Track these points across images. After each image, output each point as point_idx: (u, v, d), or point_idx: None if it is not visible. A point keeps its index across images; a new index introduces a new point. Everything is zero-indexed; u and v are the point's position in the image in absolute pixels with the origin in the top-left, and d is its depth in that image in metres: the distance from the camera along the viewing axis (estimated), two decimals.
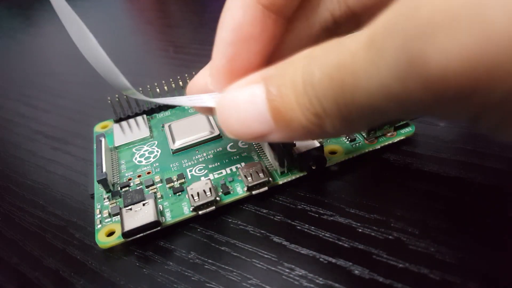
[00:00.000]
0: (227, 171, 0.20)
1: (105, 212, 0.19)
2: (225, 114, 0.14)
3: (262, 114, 0.13)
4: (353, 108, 0.11)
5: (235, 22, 0.15)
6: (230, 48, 0.15)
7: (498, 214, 0.16)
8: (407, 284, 0.14)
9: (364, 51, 0.10)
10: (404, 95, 0.09)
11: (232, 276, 0.16)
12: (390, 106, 0.10)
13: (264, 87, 0.13)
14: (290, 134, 0.13)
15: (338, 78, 0.11)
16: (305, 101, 0.12)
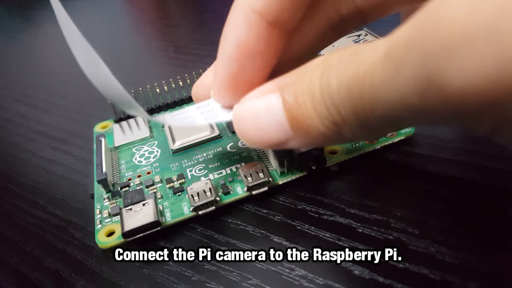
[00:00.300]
0: (227, 171, 0.20)
1: (105, 212, 0.19)
2: (242, 124, 0.14)
3: (280, 123, 0.13)
4: (372, 116, 0.11)
5: (240, 38, 0.15)
6: (234, 64, 0.15)
7: (498, 214, 0.16)
8: (407, 284, 0.14)
9: (382, 64, 0.10)
10: (423, 107, 0.09)
11: (232, 276, 0.16)
12: (409, 116, 0.10)
13: (281, 96, 0.13)
14: (308, 141, 0.13)
15: (356, 89, 0.11)
16: (323, 109, 0.12)
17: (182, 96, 0.26)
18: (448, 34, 0.08)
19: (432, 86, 0.09)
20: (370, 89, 0.10)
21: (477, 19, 0.08)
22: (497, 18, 0.07)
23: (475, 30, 0.08)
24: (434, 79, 0.09)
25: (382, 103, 0.10)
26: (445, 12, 0.08)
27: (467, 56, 0.08)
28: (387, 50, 0.10)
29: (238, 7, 0.15)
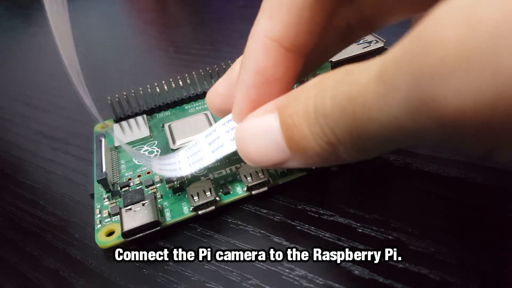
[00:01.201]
0: (227, 171, 0.20)
1: (105, 212, 0.19)
2: (243, 143, 0.15)
3: (278, 143, 0.13)
4: (366, 137, 0.11)
5: (258, 66, 0.15)
6: (253, 91, 0.15)
7: (498, 214, 0.16)
8: (407, 284, 0.14)
9: (374, 84, 0.10)
10: (417, 129, 0.09)
11: (232, 276, 0.16)
12: (403, 137, 0.10)
13: (279, 117, 0.13)
14: (306, 161, 0.13)
15: (350, 109, 0.11)
16: (318, 130, 0.12)
17: (182, 96, 0.26)
18: (442, 56, 0.08)
19: (425, 108, 0.09)
20: (362, 109, 0.10)
21: (472, 41, 0.08)
22: (494, 40, 0.07)
23: (471, 52, 0.08)
24: (427, 101, 0.09)
25: (375, 123, 0.10)
26: (438, 33, 0.08)
27: (463, 79, 0.08)
28: (379, 70, 0.10)
29: (255, 36, 0.15)
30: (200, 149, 0.18)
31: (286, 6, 0.15)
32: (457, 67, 0.08)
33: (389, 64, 0.10)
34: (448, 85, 0.08)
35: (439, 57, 0.08)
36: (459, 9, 0.08)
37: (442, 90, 0.08)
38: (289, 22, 0.15)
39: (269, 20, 0.15)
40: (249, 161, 0.15)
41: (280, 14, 0.15)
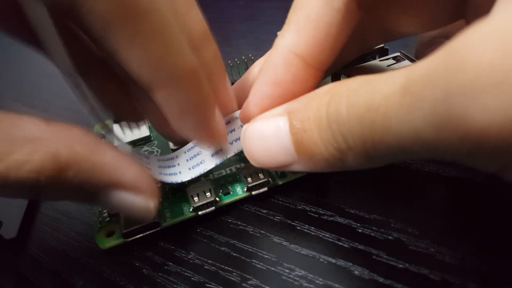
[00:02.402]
0: (227, 172, 0.20)
1: (105, 212, 0.19)
2: (250, 144, 0.15)
3: (286, 146, 0.14)
4: (379, 146, 0.11)
5: (277, 78, 0.15)
6: (267, 101, 0.15)
7: (498, 214, 0.16)
8: (407, 285, 0.14)
9: (398, 96, 0.10)
10: (437, 142, 0.10)
11: (232, 276, 0.16)
12: (419, 149, 0.10)
13: (288, 120, 0.13)
14: (312, 165, 0.14)
15: (368, 118, 0.11)
16: (328, 136, 0.12)
17: None
18: (474, 76, 0.08)
19: (451, 122, 0.09)
20: (383, 119, 0.11)
21: (504, 64, 0.08)
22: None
23: (502, 74, 0.08)
24: (454, 116, 0.09)
25: (393, 134, 0.10)
26: (471, 55, 0.09)
27: (493, 98, 0.08)
28: (405, 83, 0.10)
29: (279, 48, 0.15)
30: (200, 152, 0.18)
31: (315, 22, 0.15)
32: (488, 86, 0.08)
33: (417, 78, 0.10)
34: (478, 103, 0.08)
35: (471, 76, 0.08)
36: (493, 33, 0.08)
37: (471, 106, 0.08)
38: (316, 38, 0.15)
39: (295, 34, 0.15)
40: (254, 162, 0.15)
41: (307, 29, 0.15)
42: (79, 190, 0.14)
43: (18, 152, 0.12)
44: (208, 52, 0.16)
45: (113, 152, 0.14)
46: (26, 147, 0.12)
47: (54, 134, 0.13)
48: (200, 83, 0.14)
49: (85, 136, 0.14)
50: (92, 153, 0.13)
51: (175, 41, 0.13)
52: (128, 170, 0.14)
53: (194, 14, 0.15)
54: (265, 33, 0.37)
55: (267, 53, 0.19)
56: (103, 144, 0.14)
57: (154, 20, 0.12)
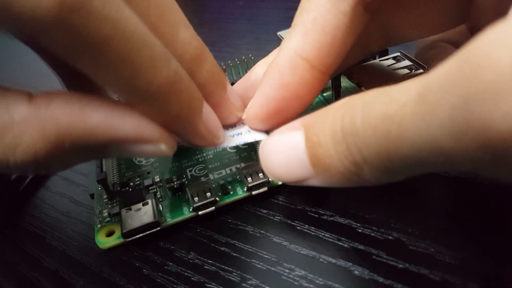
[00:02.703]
0: (227, 172, 0.20)
1: (105, 212, 0.19)
2: (267, 158, 0.15)
3: (301, 160, 0.13)
4: (396, 158, 0.11)
5: (283, 81, 0.15)
6: (273, 103, 0.16)
7: (498, 214, 0.16)
8: (407, 285, 0.14)
9: (414, 104, 0.10)
10: (456, 152, 0.09)
11: (232, 276, 0.16)
12: (437, 160, 0.10)
13: (304, 134, 0.13)
14: (328, 180, 0.13)
15: (383, 129, 0.11)
16: (343, 149, 0.12)
17: None
18: (494, 77, 0.08)
19: (470, 130, 0.08)
20: (398, 129, 0.10)
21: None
22: None
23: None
24: (474, 123, 0.08)
25: (409, 143, 0.10)
26: (489, 57, 0.08)
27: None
28: (421, 90, 0.10)
29: (286, 51, 0.15)
30: None
31: (322, 25, 0.14)
32: (509, 90, 0.08)
33: (433, 84, 0.09)
34: (499, 108, 0.08)
35: (491, 79, 0.08)
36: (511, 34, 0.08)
37: (493, 112, 0.08)
38: (322, 41, 0.15)
39: (301, 37, 0.15)
40: (271, 176, 0.15)
41: (314, 32, 0.15)
42: (81, 155, 0.14)
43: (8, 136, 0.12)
44: (202, 72, 0.15)
45: (102, 112, 0.13)
46: (15, 129, 0.12)
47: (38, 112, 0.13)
48: (178, 93, 0.14)
49: (68, 104, 0.13)
50: (80, 120, 0.13)
51: (144, 59, 0.12)
52: (123, 124, 0.13)
53: (181, 37, 0.14)
54: (265, 33, 0.37)
55: (270, 54, 0.19)
56: (89, 106, 0.13)
57: (118, 45, 0.11)
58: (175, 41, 0.14)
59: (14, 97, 0.13)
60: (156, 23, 0.14)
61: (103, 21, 0.11)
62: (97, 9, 0.11)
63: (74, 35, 0.11)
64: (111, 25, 0.11)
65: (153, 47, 0.13)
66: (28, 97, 0.13)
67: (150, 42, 0.12)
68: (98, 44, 0.11)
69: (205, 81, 0.15)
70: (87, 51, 0.11)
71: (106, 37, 0.11)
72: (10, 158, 0.13)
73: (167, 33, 0.14)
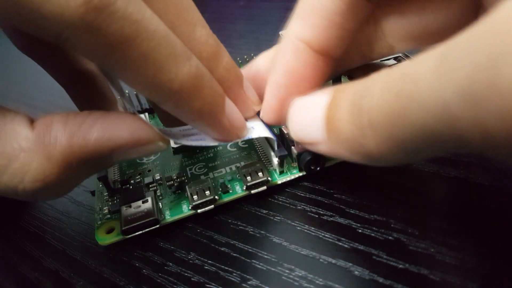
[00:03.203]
0: (227, 170, 0.20)
1: (105, 209, 0.19)
2: (292, 115, 0.15)
3: (318, 121, 0.13)
4: (401, 123, 0.10)
5: (288, 66, 0.16)
6: (282, 90, 0.16)
7: (498, 214, 0.16)
8: (407, 285, 0.14)
9: (433, 62, 0.09)
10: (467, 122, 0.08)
11: (232, 277, 0.16)
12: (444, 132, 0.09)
13: (330, 97, 0.13)
14: (335, 147, 0.13)
15: (396, 87, 0.10)
16: (355, 112, 0.12)
17: None
18: None
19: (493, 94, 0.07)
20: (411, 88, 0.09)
21: None
22: None
23: None
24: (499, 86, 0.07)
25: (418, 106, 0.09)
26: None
27: None
28: (444, 49, 0.09)
29: (287, 38, 0.16)
30: None
31: (318, 11, 0.15)
32: None
33: (455, 44, 0.09)
34: None
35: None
36: None
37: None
38: (320, 25, 0.15)
39: (301, 22, 0.15)
40: (292, 133, 0.15)
41: (312, 17, 0.15)
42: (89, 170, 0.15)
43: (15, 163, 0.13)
44: (218, 69, 0.15)
45: (99, 126, 0.14)
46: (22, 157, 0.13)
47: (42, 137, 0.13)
48: (201, 88, 0.14)
49: (67, 124, 0.13)
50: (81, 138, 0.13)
51: (166, 57, 0.12)
52: (120, 133, 0.14)
53: (198, 35, 0.15)
54: (265, 33, 0.37)
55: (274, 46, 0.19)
56: (85, 124, 0.13)
57: (141, 44, 0.12)
58: (192, 40, 0.15)
59: (18, 121, 0.13)
60: (174, 22, 0.14)
61: (126, 21, 0.11)
62: (121, 10, 0.11)
63: (99, 35, 0.11)
64: (134, 24, 0.11)
65: (175, 44, 0.13)
66: (29, 122, 0.13)
67: (171, 40, 0.13)
68: (121, 44, 0.11)
69: (222, 78, 0.15)
70: (111, 51, 0.11)
71: (129, 36, 0.11)
72: (18, 186, 0.13)
73: (184, 32, 0.14)
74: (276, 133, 0.19)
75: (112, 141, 0.14)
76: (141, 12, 0.12)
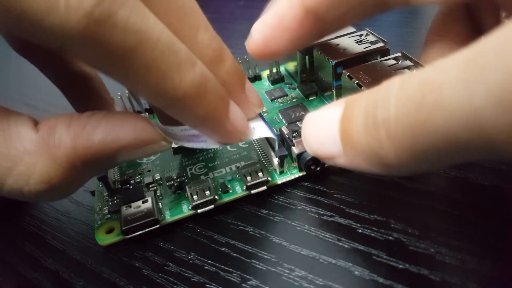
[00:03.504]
0: (227, 170, 0.20)
1: (105, 209, 0.19)
2: (306, 129, 0.15)
3: (334, 135, 0.13)
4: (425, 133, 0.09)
5: (279, 13, 0.17)
6: (268, 29, 0.18)
7: (498, 214, 0.16)
8: (407, 285, 0.14)
9: (459, 68, 0.09)
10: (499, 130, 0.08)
11: (232, 277, 0.16)
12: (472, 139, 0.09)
13: (343, 110, 0.13)
14: (354, 160, 0.13)
15: (418, 95, 0.09)
16: (371, 123, 0.11)
17: None
18: None
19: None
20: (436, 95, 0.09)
21: None
22: None
23: None
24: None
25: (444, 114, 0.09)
26: None
27: None
28: (470, 54, 0.08)
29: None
30: None
31: None
32: None
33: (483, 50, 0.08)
34: None
35: None
36: None
37: None
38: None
39: None
40: (308, 148, 0.15)
41: None
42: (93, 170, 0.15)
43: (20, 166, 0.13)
44: (220, 73, 0.15)
45: (102, 127, 0.14)
46: (27, 159, 0.13)
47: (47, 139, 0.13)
48: (205, 95, 0.14)
49: (71, 126, 0.13)
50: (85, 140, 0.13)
51: (169, 65, 0.12)
52: (124, 133, 0.14)
53: (200, 39, 0.15)
54: None
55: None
56: (89, 125, 0.14)
57: (143, 54, 0.12)
58: (194, 44, 0.14)
59: (22, 123, 0.13)
60: (176, 25, 0.14)
61: (128, 32, 0.11)
62: (122, 21, 0.11)
63: (101, 46, 0.11)
64: (137, 34, 0.11)
65: (178, 52, 0.13)
66: (33, 124, 0.13)
67: (175, 47, 0.13)
68: (124, 54, 0.11)
69: (223, 82, 0.15)
70: (113, 61, 0.11)
71: (132, 47, 0.11)
72: (24, 188, 0.13)
73: (186, 36, 0.14)
74: (276, 133, 0.19)
75: (116, 142, 0.14)
76: (144, 20, 0.12)
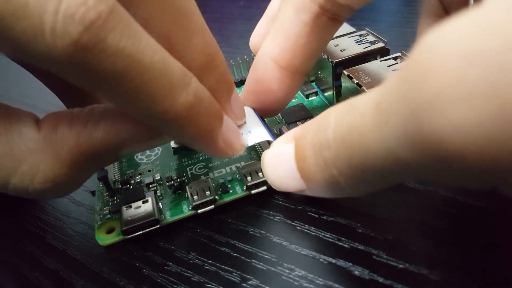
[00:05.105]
0: (227, 170, 0.20)
1: (105, 209, 0.19)
2: (266, 169, 0.16)
3: (293, 173, 0.14)
4: (364, 168, 0.11)
5: (258, 77, 0.18)
6: (251, 96, 0.19)
7: (498, 214, 0.16)
8: (407, 285, 0.14)
9: (372, 114, 0.10)
10: (414, 163, 0.09)
11: (232, 276, 0.16)
12: (401, 170, 0.10)
13: (294, 148, 0.14)
14: (319, 192, 0.14)
15: (349, 141, 0.11)
16: (321, 163, 0.12)
17: None
18: (439, 86, 0.07)
19: (422, 142, 0.08)
20: (359, 139, 0.10)
21: (474, 74, 0.07)
22: (498, 74, 0.07)
23: (469, 86, 0.07)
24: (424, 135, 0.08)
25: (372, 154, 0.10)
26: (436, 63, 0.08)
27: (464, 113, 0.07)
28: (378, 99, 0.10)
29: (260, 53, 0.18)
30: None
31: (286, 33, 0.17)
32: (457, 99, 0.07)
33: (386, 93, 0.09)
34: (448, 118, 0.07)
35: (437, 87, 0.08)
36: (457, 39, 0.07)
37: (441, 123, 0.08)
38: (287, 46, 0.17)
39: (271, 42, 0.17)
40: (273, 186, 0.16)
41: (279, 39, 0.17)
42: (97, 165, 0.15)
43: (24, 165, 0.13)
44: (209, 80, 0.15)
45: (104, 123, 0.14)
46: (30, 158, 0.13)
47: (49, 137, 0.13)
48: (197, 116, 0.13)
49: (73, 123, 0.13)
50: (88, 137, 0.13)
51: (160, 89, 0.12)
52: (126, 128, 0.14)
53: (194, 43, 0.14)
54: None
55: None
56: (90, 122, 0.13)
57: (133, 78, 0.11)
58: (187, 48, 0.14)
59: (24, 122, 0.13)
60: (170, 28, 0.13)
61: (118, 57, 0.11)
62: (112, 46, 0.10)
63: (89, 71, 0.11)
64: (127, 59, 0.11)
65: (171, 74, 0.12)
66: (35, 122, 0.13)
67: (167, 70, 0.12)
68: (113, 78, 0.11)
69: (211, 89, 0.15)
70: (103, 85, 0.11)
71: (121, 72, 0.11)
72: (29, 187, 0.13)
73: (179, 39, 0.14)
74: (276, 133, 0.19)
75: (119, 137, 0.14)
76: (136, 43, 0.11)
